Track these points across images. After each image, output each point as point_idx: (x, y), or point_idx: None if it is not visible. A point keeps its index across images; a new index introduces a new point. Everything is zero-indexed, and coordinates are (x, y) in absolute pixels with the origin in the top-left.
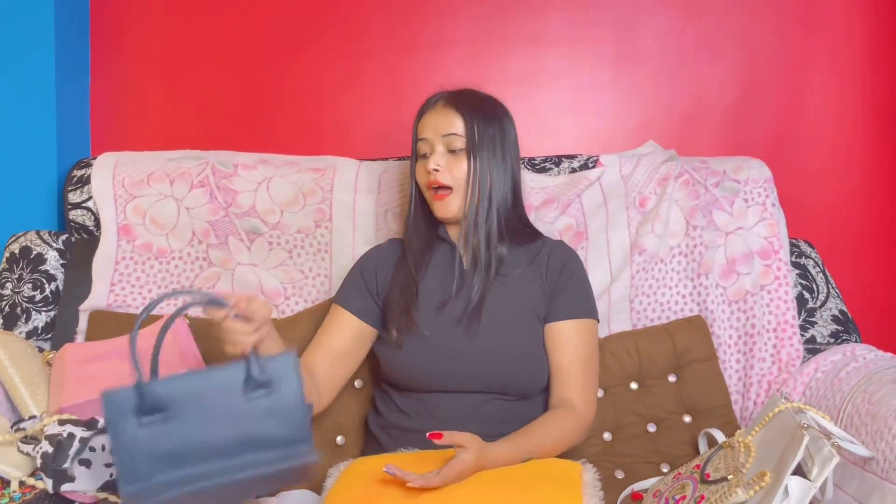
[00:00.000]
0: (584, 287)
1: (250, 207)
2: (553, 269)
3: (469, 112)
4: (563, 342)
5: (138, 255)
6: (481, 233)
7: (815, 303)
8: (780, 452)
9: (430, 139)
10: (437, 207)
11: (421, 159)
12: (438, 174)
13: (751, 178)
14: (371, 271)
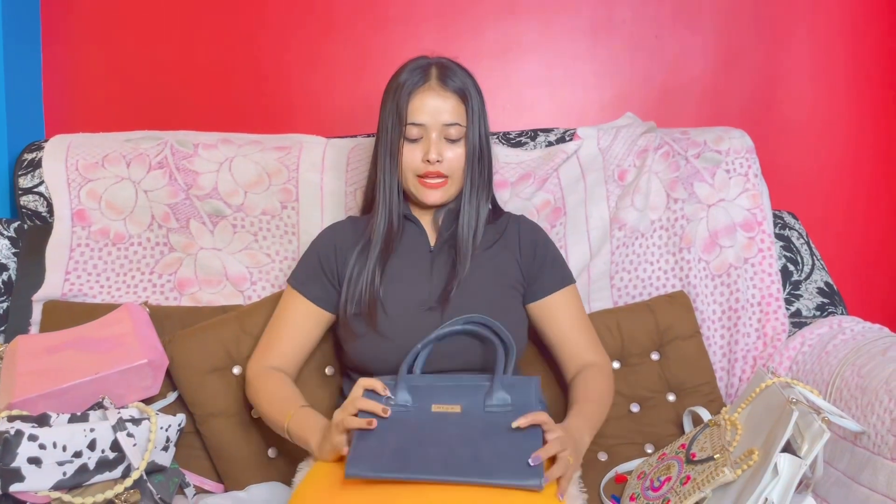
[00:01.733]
0: (558, 256)
1: (212, 189)
2: (525, 247)
3: (469, 97)
4: (558, 314)
5: (94, 242)
6: (470, 218)
7: (800, 275)
8: (769, 429)
9: (427, 125)
10: (428, 195)
11: (410, 142)
12: (441, 165)
13: (732, 149)
14: (329, 253)
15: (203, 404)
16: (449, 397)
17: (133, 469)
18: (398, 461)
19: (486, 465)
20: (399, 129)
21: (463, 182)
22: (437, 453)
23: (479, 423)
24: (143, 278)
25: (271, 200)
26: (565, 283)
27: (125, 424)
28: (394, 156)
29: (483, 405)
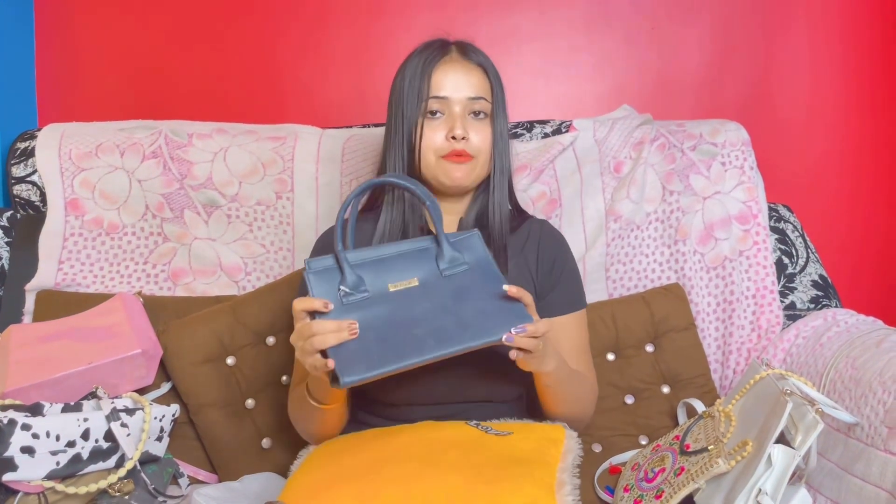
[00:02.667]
0: (576, 277)
1: (206, 179)
2: (544, 260)
3: (493, 71)
4: (562, 336)
5: (88, 232)
6: (502, 206)
7: (795, 268)
8: (763, 421)
9: (450, 98)
10: (453, 170)
11: (430, 118)
12: (466, 144)
13: (728, 141)
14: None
15: (197, 394)
16: (400, 271)
17: (127, 459)
18: (390, 351)
19: (476, 327)
20: (418, 105)
21: (489, 169)
22: (423, 331)
23: (444, 290)
24: (136, 268)
25: (266, 191)
26: (575, 307)
27: (119, 414)
28: (414, 135)
29: (438, 270)
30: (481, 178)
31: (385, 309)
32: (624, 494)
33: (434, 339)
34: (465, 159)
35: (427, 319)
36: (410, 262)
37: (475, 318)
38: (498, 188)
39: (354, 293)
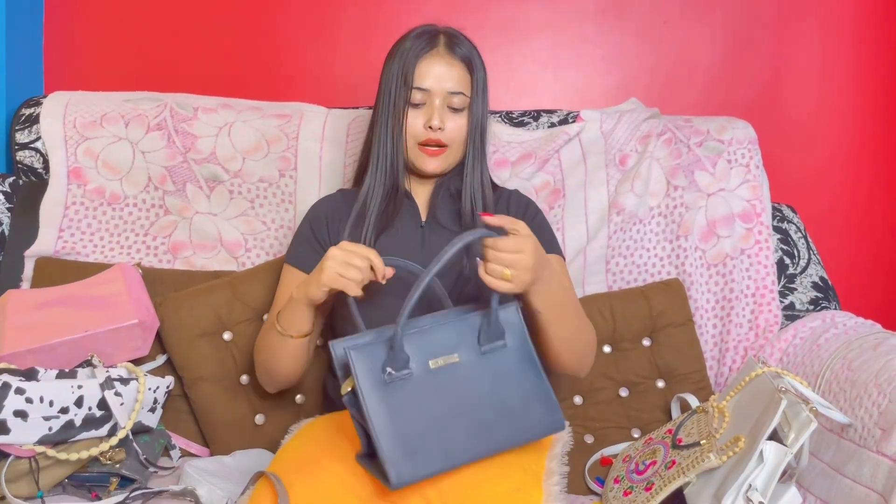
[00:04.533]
0: (547, 227)
1: (210, 153)
2: (515, 215)
3: (475, 69)
4: None
5: (89, 201)
6: (475, 190)
7: (796, 269)
8: (756, 417)
9: (432, 91)
10: (427, 162)
11: (412, 108)
12: (442, 133)
13: (735, 139)
14: (321, 224)
15: (192, 368)
16: (441, 345)
17: (119, 428)
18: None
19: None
20: (404, 93)
21: (462, 153)
22: (467, 427)
23: (485, 372)
24: (137, 239)
25: (269, 168)
26: (549, 250)
27: (113, 383)
28: (398, 120)
29: (478, 346)
30: (455, 164)
31: (428, 392)
32: (614, 486)
33: (478, 437)
34: (440, 151)
35: (470, 411)
36: (451, 334)
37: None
38: (470, 173)
39: (397, 373)
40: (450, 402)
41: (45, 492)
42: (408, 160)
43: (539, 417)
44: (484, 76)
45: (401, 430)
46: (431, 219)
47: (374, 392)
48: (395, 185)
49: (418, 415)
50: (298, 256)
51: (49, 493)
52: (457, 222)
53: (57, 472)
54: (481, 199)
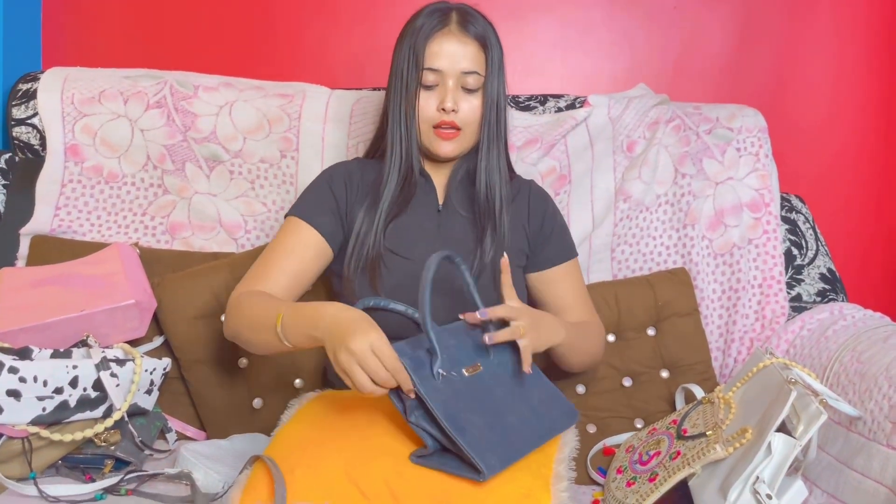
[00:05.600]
0: (565, 228)
1: (210, 133)
2: (535, 215)
3: (489, 47)
4: (559, 285)
5: (87, 179)
6: (490, 175)
7: (804, 260)
8: (764, 409)
9: (444, 71)
10: (441, 146)
11: (425, 90)
12: (456, 115)
13: (745, 127)
14: (341, 186)
15: (189, 350)
16: (464, 356)
17: (115, 409)
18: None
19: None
20: (415, 74)
21: (478, 136)
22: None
23: (503, 380)
24: (134, 219)
25: (271, 148)
26: (569, 256)
27: (109, 364)
28: (410, 103)
29: (488, 354)
30: (469, 148)
31: (472, 396)
32: (617, 476)
33: (529, 430)
34: (453, 134)
35: (505, 414)
36: (467, 346)
37: (538, 408)
38: (485, 156)
39: (448, 374)
40: (489, 406)
41: (37, 473)
42: (422, 144)
43: (558, 414)
44: (500, 54)
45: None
46: (448, 203)
47: (434, 394)
48: (410, 169)
49: (476, 415)
50: (309, 210)
51: (42, 474)
52: (471, 208)
53: (50, 453)
54: (497, 185)
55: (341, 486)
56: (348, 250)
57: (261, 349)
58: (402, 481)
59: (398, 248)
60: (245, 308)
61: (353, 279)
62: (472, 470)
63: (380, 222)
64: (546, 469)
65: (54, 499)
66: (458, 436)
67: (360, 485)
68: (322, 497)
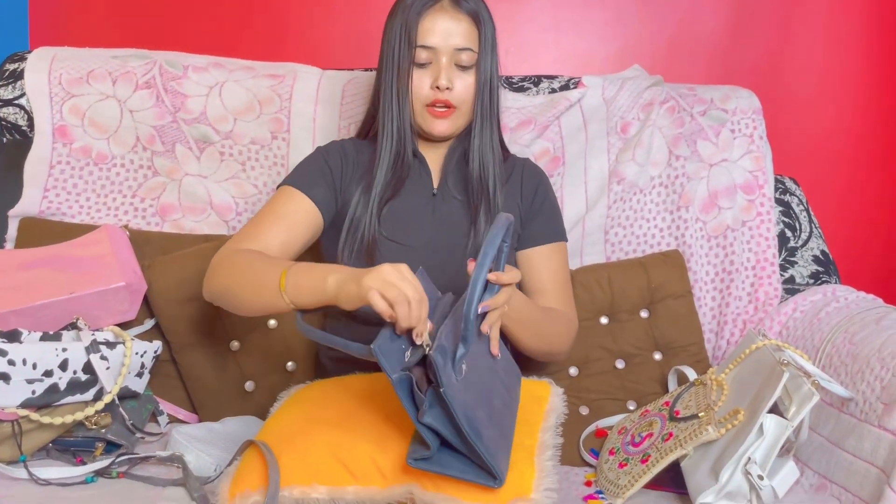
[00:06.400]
0: (556, 209)
1: (200, 113)
2: (527, 191)
3: (482, 22)
4: (541, 267)
5: (76, 160)
6: (484, 154)
7: (797, 242)
8: (756, 390)
9: (437, 48)
10: (435, 125)
11: (418, 68)
12: (450, 94)
13: (739, 108)
14: (337, 161)
15: (180, 333)
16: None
17: (105, 393)
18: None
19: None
20: (408, 52)
21: (472, 115)
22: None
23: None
24: (124, 201)
25: (261, 129)
26: (555, 238)
27: (99, 347)
28: (403, 81)
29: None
30: (463, 126)
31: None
32: (609, 457)
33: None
34: (448, 112)
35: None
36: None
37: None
38: (479, 135)
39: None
40: (483, 394)
41: (28, 456)
42: (415, 123)
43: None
44: (493, 30)
45: (482, 426)
46: (444, 186)
47: (456, 396)
48: (403, 150)
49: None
50: (303, 179)
51: (32, 457)
52: (466, 190)
53: (40, 436)
54: (491, 165)
55: (329, 466)
56: (342, 235)
57: (249, 307)
58: (389, 459)
59: (393, 234)
60: (241, 263)
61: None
62: (483, 474)
63: (374, 207)
64: (531, 440)
65: (45, 481)
66: (478, 442)
67: (347, 464)
68: (310, 478)
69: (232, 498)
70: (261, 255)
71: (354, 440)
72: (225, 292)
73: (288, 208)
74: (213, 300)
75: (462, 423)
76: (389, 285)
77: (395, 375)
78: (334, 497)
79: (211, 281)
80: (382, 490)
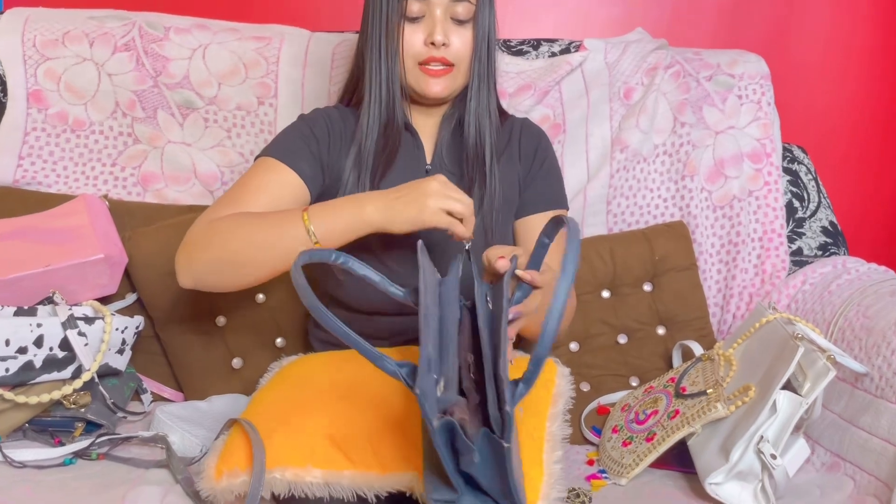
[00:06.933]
0: (557, 172)
1: (183, 78)
2: (526, 153)
3: None
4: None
5: (51, 127)
6: (481, 118)
7: (805, 212)
8: (768, 365)
9: (431, 0)
10: (430, 84)
11: (410, 22)
12: (447, 50)
13: (747, 73)
14: (324, 132)
15: (164, 308)
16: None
17: (84, 370)
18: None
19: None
20: (397, 4)
21: (469, 75)
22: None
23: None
24: (104, 170)
25: (247, 95)
26: (556, 204)
27: (76, 322)
28: (392, 37)
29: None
30: (460, 88)
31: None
32: (612, 435)
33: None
34: (445, 71)
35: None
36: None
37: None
38: (475, 97)
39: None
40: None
41: (3, 437)
42: (407, 84)
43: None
44: None
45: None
46: (438, 160)
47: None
48: (393, 117)
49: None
50: (288, 151)
51: (8, 438)
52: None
53: (16, 416)
54: (487, 130)
55: (324, 449)
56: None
57: (259, 270)
58: (389, 444)
59: None
60: (241, 224)
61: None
62: None
63: (367, 182)
64: (538, 431)
65: (20, 464)
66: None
67: (344, 448)
68: (304, 460)
69: (219, 476)
70: (254, 213)
71: (351, 421)
72: (223, 263)
73: (270, 179)
74: (198, 280)
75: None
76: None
77: (435, 423)
78: (329, 482)
79: (197, 255)
80: (381, 476)
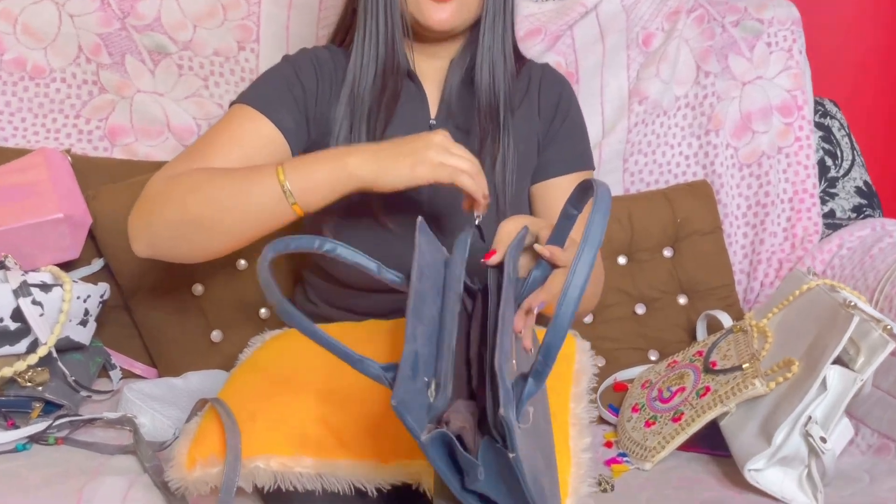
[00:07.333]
0: (581, 128)
1: (154, 20)
2: (546, 108)
3: None
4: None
5: (7, 74)
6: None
7: (838, 171)
8: (813, 337)
9: None
10: (434, 11)
11: None
12: None
13: (776, 19)
14: (311, 77)
15: (133, 275)
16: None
17: (40, 344)
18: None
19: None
20: None
21: (480, 7)
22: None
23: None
24: (66, 122)
25: (226, 39)
26: (580, 165)
27: (30, 290)
28: None
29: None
30: (469, 21)
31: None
32: (632, 415)
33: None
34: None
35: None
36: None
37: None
38: (489, 31)
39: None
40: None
41: None
42: (407, 14)
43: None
44: None
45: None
46: (445, 113)
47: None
48: (393, 55)
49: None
50: (266, 98)
51: None
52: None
53: None
54: (502, 78)
55: (316, 434)
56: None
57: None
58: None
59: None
60: (199, 183)
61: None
62: None
63: (361, 135)
64: (563, 415)
65: None
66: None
67: (338, 432)
68: (293, 448)
69: (192, 464)
70: (221, 169)
71: (347, 404)
72: (182, 226)
73: (244, 131)
74: (154, 247)
75: (530, 492)
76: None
77: (424, 437)
78: (322, 472)
79: (153, 218)
80: (382, 466)
